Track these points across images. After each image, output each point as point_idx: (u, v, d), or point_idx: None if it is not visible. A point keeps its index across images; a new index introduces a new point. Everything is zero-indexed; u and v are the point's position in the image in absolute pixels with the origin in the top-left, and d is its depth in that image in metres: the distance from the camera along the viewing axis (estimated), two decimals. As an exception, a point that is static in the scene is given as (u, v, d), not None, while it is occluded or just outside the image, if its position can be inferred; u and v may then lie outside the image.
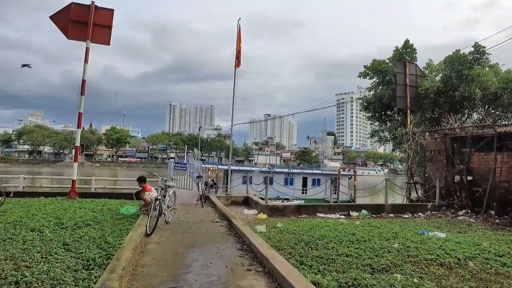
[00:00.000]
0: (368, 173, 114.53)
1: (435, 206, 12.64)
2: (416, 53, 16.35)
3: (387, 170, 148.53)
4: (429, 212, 12.34)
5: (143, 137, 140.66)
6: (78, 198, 10.43)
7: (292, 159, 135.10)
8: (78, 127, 10.86)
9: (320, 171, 38.25)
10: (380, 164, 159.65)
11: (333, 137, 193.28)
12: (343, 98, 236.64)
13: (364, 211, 11.52)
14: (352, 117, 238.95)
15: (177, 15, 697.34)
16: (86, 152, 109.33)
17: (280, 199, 25.16)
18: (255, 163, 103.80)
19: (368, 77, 17.09)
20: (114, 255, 4.59)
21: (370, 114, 17.96)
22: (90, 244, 5.20)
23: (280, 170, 36.34)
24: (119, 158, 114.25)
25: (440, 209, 12.59)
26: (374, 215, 11.36)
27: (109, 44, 11.33)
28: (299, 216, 10.46)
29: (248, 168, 35.45)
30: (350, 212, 11.39)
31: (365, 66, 16.92)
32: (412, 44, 16.28)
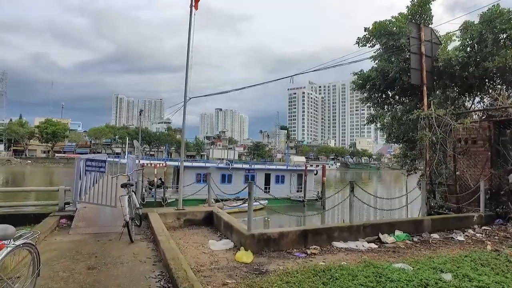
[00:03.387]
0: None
1: (482, 217, 8.87)
2: (431, 13, 12.40)
3: (339, 164, 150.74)
4: (477, 226, 8.50)
5: (84, 131, 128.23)
6: None
7: (245, 154, 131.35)
8: None
9: (284, 167, 34.33)
10: (332, 158, 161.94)
11: (286, 131, 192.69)
12: (295, 93, 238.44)
13: (399, 233, 7.31)
14: (303, 111, 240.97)
15: (117, 0, 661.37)
16: (14, 148, 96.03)
17: (242, 199, 20.78)
18: (207, 157, 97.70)
19: (369, 44, 12.78)
20: None
21: (366, 94, 13.80)
22: None
23: (240, 166, 31.85)
24: (56, 154, 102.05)
25: (491, 222, 8.83)
26: (415, 239, 7.24)
27: None
28: (308, 252, 5.95)
29: (203, 165, 30.48)
30: (380, 235, 7.10)
31: (365, 29, 12.58)
32: (430, 0, 12.22)
